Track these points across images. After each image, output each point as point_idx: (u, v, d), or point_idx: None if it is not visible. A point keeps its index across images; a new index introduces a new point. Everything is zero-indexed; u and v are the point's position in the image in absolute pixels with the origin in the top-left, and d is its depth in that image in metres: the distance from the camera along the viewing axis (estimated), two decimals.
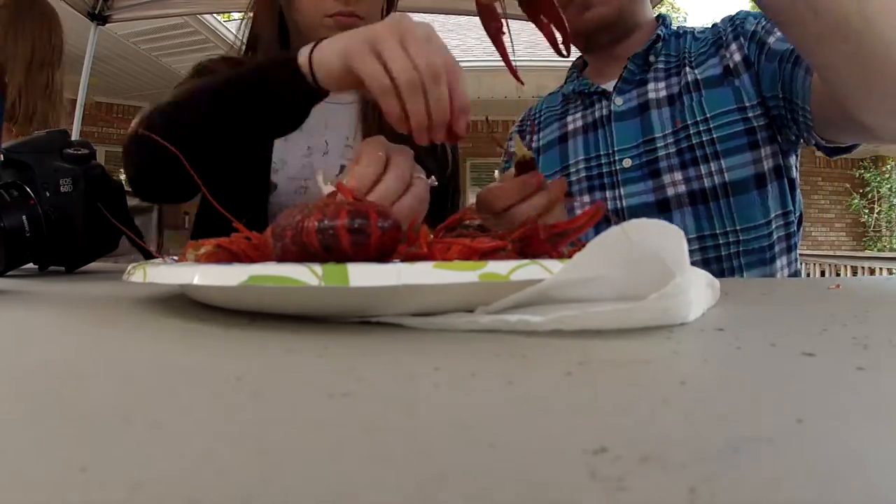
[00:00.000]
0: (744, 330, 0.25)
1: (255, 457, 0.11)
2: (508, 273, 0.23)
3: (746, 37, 0.71)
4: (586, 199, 0.76)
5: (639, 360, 0.20)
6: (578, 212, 0.38)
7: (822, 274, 4.66)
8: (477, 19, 0.50)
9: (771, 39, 0.68)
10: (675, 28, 0.80)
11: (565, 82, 0.88)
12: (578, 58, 0.88)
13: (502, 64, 0.50)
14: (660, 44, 0.77)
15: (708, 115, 0.70)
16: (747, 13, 0.74)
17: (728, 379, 0.18)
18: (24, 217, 0.51)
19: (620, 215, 0.71)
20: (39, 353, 0.21)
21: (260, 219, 0.70)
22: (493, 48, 0.49)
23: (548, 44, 0.49)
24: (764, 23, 0.70)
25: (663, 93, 0.74)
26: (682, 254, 0.24)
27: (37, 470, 0.11)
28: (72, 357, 0.21)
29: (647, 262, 0.24)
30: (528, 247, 0.27)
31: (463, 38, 6.19)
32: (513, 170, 0.50)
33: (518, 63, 0.50)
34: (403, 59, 0.40)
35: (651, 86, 0.75)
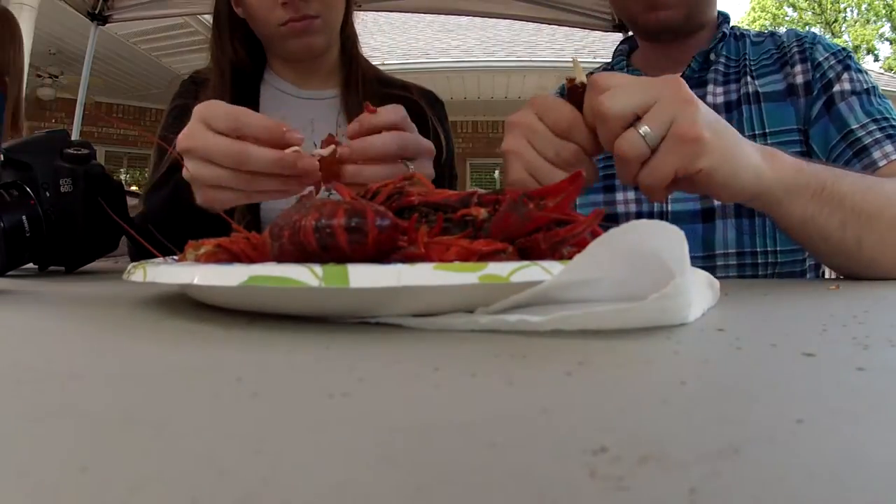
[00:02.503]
0: (744, 330, 0.25)
1: (255, 457, 0.11)
2: (508, 275, 0.23)
3: (813, 65, 0.69)
4: (630, 195, 0.73)
5: (639, 360, 0.20)
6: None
7: (823, 275, 4.65)
8: (478, 20, 0.50)
9: (837, 90, 0.66)
10: (732, 27, 0.77)
11: (612, 66, 0.83)
12: (623, 41, 0.84)
13: (502, 65, 0.49)
14: (721, 42, 0.74)
15: (767, 130, 0.68)
16: (815, 38, 0.72)
17: (728, 379, 0.18)
18: (24, 217, 0.51)
19: (664, 219, 0.69)
20: (39, 353, 0.21)
21: (254, 222, 0.70)
22: (493, 49, 0.48)
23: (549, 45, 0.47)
24: (833, 62, 0.68)
25: (721, 98, 0.72)
26: (682, 254, 0.24)
27: (37, 470, 0.11)
28: (72, 357, 0.21)
29: (647, 263, 0.24)
30: (530, 254, 0.27)
31: (464, 38, 6.20)
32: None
33: (519, 63, 0.49)
34: (214, 171, 0.43)
35: (710, 88, 0.73)
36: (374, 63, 0.85)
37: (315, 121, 0.76)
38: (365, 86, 0.77)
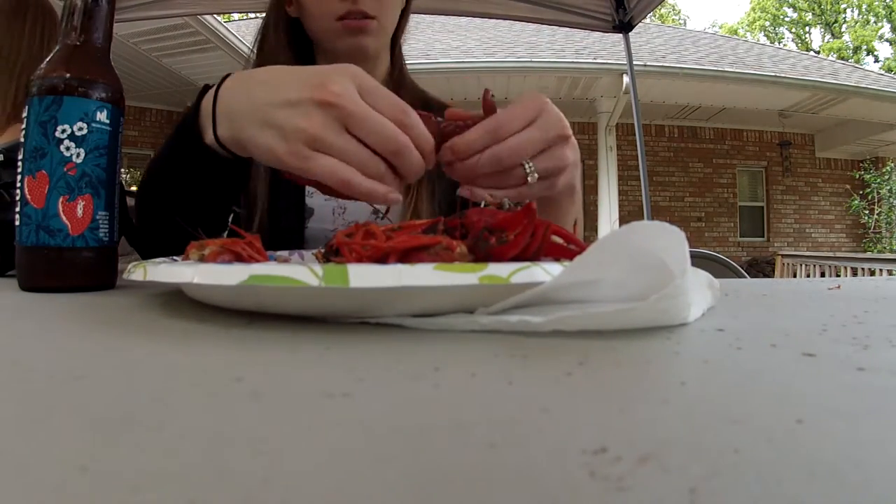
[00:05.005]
0: (744, 330, 0.25)
1: (255, 457, 0.11)
2: (509, 276, 0.23)
3: None
4: None
5: (639, 360, 0.20)
6: None
7: (823, 275, 4.67)
8: (478, 21, 0.49)
9: None
10: None
11: None
12: None
13: (502, 65, 0.48)
14: None
15: None
16: None
17: (728, 379, 0.18)
18: None
19: None
20: (39, 353, 0.21)
21: (297, 244, 0.68)
22: (494, 50, 0.47)
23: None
24: None
25: None
26: (682, 255, 0.24)
27: (37, 470, 0.11)
28: (71, 357, 0.21)
29: (647, 264, 0.24)
30: (478, 250, 0.28)
31: (464, 39, 6.20)
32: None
33: (518, 64, 0.49)
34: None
35: None
36: None
37: None
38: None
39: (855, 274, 4.37)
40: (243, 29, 5.39)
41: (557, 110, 0.42)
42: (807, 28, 18.00)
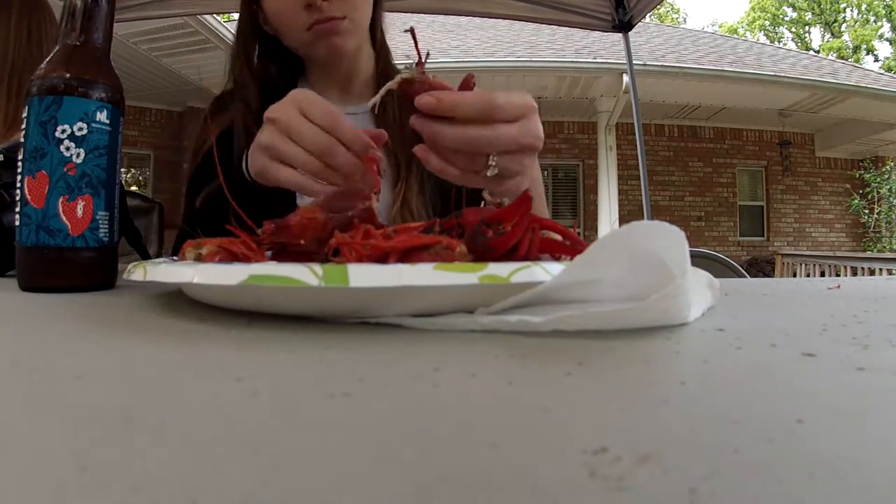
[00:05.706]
0: (744, 330, 0.25)
1: (255, 457, 0.11)
2: (509, 275, 0.23)
3: None
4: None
5: (639, 360, 0.20)
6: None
7: (822, 274, 4.67)
8: (478, 21, 0.49)
9: None
10: None
11: None
12: None
13: (502, 65, 0.48)
14: None
15: None
16: None
17: (728, 379, 0.18)
18: None
19: None
20: (39, 353, 0.21)
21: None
22: (494, 50, 0.47)
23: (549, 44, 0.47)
24: None
25: None
26: (682, 255, 0.24)
27: (37, 470, 0.11)
28: (71, 357, 0.21)
29: (647, 263, 0.24)
30: (473, 246, 0.28)
31: (463, 38, 6.20)
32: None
33: (518, 63, 0.49)
34: (296, 150, 0.44)
35: None
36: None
37: None
38: (400, 101, 0.75)
39: (855, 273, 4.37)
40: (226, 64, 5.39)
41: (539, 119, 0.43)
42: (806, 27, 18.01)
